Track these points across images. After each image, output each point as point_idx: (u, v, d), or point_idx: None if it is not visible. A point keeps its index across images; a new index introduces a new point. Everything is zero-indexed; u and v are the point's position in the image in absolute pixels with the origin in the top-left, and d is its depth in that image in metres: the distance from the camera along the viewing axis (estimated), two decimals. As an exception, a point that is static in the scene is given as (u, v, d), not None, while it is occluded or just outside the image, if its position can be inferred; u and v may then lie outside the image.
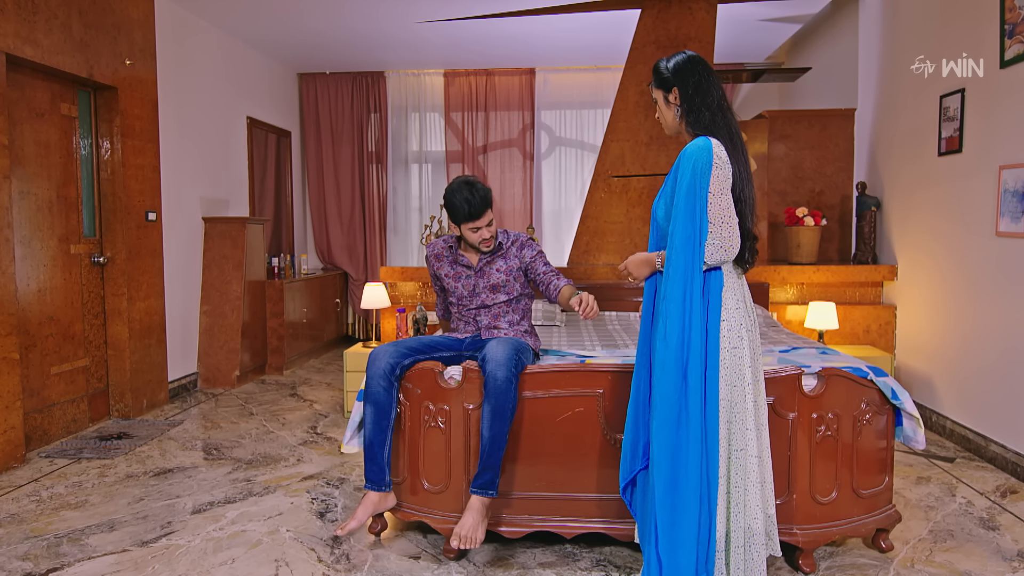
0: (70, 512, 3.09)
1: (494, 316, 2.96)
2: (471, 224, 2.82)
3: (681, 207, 2.07)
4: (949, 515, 3.02)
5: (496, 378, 2.51)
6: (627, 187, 5.11)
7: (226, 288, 5.55)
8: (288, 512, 3.07)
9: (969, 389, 3.92)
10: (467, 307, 2.98)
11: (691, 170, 2.07)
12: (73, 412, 4.27)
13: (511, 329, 2.94)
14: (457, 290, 2.99)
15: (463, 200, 2.76)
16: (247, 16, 5.56)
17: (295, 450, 3.93)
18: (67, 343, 4.24)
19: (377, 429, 2.63)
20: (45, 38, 3.90)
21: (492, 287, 2.95)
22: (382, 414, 2.63)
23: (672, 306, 2.06)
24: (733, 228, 2.09)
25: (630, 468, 2.26)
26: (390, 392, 2.65)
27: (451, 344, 2.92)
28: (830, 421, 2.54)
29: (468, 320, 3.00)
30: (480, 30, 5.97)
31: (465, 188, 2.76)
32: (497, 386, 2.51)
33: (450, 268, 2.99)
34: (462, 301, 2.99)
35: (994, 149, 3.67)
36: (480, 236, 2.85)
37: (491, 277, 2.95)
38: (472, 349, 2.93)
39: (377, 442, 2.62)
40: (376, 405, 2.63)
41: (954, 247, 4.07)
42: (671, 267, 2.08)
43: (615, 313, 4.60)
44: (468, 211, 2.77)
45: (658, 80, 2.24)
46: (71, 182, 4.29)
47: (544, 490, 2.65)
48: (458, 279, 2.99)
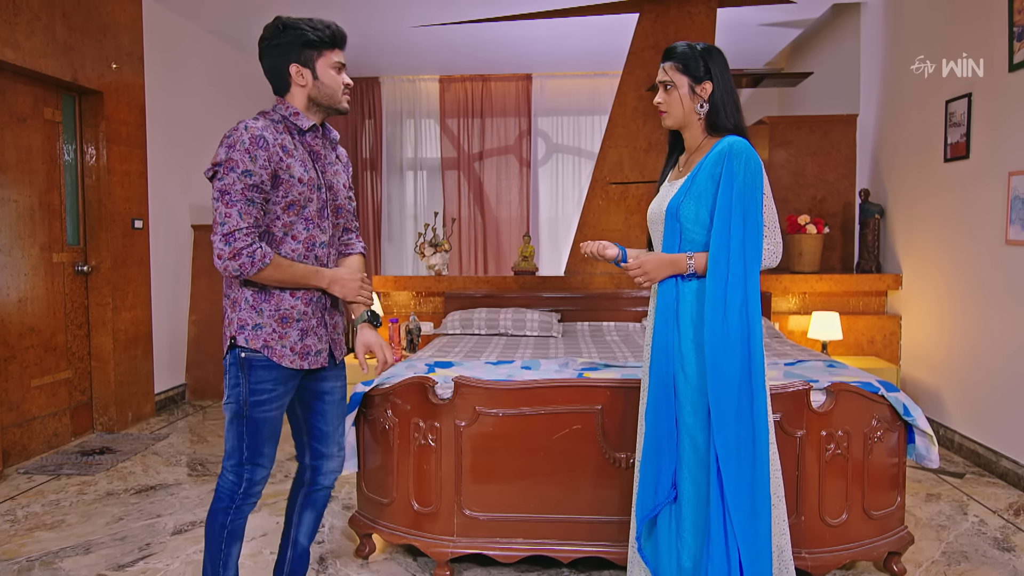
0: (45, 533, 2.96)
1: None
2: (337, 56, 2.01)
3: (736, 210, 1.90)
4: (962, 535, 2.90)
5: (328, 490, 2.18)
6: (625, 194, 5.00)
7: (215, 297, 5.42)
8: (273, 532, 2.94)
9: (978, 402, 3.81)
10: (320, 248, 2.04)
11: (744, 170, 1.91)
12: (55, 426, 4.14)
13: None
14: (308, 208, 1.99)
15: (320, 21, 1.99)
16: (238, 20, 5.46)
17: (282, 465, 3.80)
18: (49, 354, 4.10)
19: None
20: (27, 40, 3.79)
21: (338, 207, 2.10)
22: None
23: (733, 315, 1.88)
24: (780, 234, 2.01)
25: (652, 503, 2.01)
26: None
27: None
28: (840, 439, 2.42)
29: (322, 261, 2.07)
30: (476, 35, 5.88)
31: (304, 18, 2.00)
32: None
33: (300, 166, 1.96)
34: (312, 233, 2.01)
35: (1003, 155, 3.57)
36: (345, 79, 2.04)
37: (337, 186, 2.09)
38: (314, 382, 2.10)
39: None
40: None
41: (961, 256, 3.96)
42: (730, 273, 1.89)
43: (613, 324, 4.49)
44: (333, 31, 2.00)
45: (685, 66, 2.00)
46: (54, 189, 4.17)
47: (539, 512, 2.52)
48: (313, 187, 1.99)
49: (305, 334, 1.98)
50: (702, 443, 1.93)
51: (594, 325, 4.51)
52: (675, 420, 1.97)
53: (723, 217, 1.91)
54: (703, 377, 1.92)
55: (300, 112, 1.98)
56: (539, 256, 7.26)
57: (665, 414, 1.98)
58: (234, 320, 1.94)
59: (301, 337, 1.97)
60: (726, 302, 1.89)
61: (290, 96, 1.99)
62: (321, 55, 1.97)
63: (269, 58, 1.99)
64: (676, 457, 1.97)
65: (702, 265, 1.95)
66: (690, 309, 1.98)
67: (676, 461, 1.97)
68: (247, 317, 1.93)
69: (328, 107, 2.01)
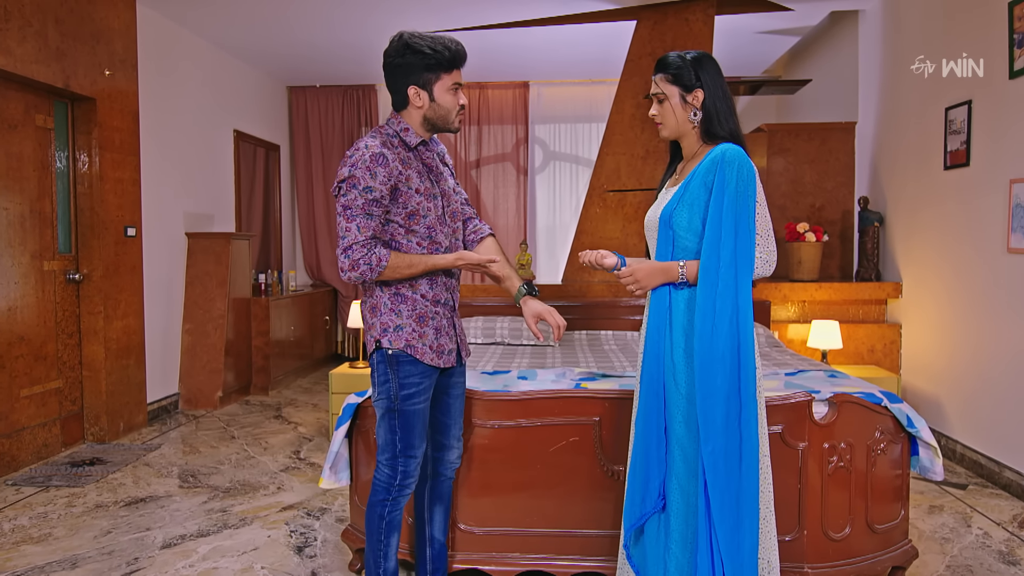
0: (31, 547, 2.89)
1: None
2: (455, 78, 2.06)
3: (727, 218, 1.87)
4: (966, 548, 2.85)
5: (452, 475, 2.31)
6: (623, 202, 4.97)
7: (209, 306, 5.37)
8: (264, 546, 2.88)
9: (980, 412, 3.77)
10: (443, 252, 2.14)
11: (736, 178, 1.88)
12: (44, 436, 4.08)
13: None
14: (428, 217, 2.09)
15: (440, 42, 2.01)
16: (234, 28, 5.43)
17: (276, 477, 3.74)
18: (39, 364, 4.05)
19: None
20: (18, 46, 3.75)
21: (452, 212, 2.21)
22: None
23: (723, 324, 1.85)
24: (774, 243, 1.97)
25: (640, 511, 1.99)
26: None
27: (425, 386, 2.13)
28: (843, 451, 2.37)
29: (449, 288, 2.18)
30: (472, 43, 5.79)
31: (427, 36, 2.03)
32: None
33: (417, 177, 2.07)
34: (437, 239, 2.12)
35: (1004, 163, 3.54)
36: (461, 100, 2.09)
37: (451, 196, 2.20)
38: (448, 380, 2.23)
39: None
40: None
41: (962, 264, 3.93)
42: (721, 282, 1.85)
43: (611, 332, 4.44)
44: (453, 53, 2.03)
45: (675, 76, 1.99)
46: (46, 196, 4.12)
47: (536, 526, 2.46)
48: (431, 197, 2.10)
49: (439, 333, 2.11)
50: (692, 454, 1.91)
51: (592, 334, 4.46)
52: (664, 429, 1.95)
53: (714, 225, 1.88)
54: (694, 387, 1.89)
55: (411, 128, 2.09)
56: (536, 264, 7.22)
57: (655, 423, 1.96)
58: (376, 324, 2.08)
59: (436, 336, 2.10)
60: (716, 311, 1.86)
61: (406, 114, 2.10)
62: (439, 78, 2.05)
63: (391, 76, 2.08)
64: (665, 467, 1.95)
65: (693, 273, 1.92)
66: (682, 318, 1.95)
67: (665, 471, 1.95)
68: (388, 320, 2.07)
69: (440, 127, 2.12)
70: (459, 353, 2.22)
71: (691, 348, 1.91)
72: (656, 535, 1.98)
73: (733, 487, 1.83)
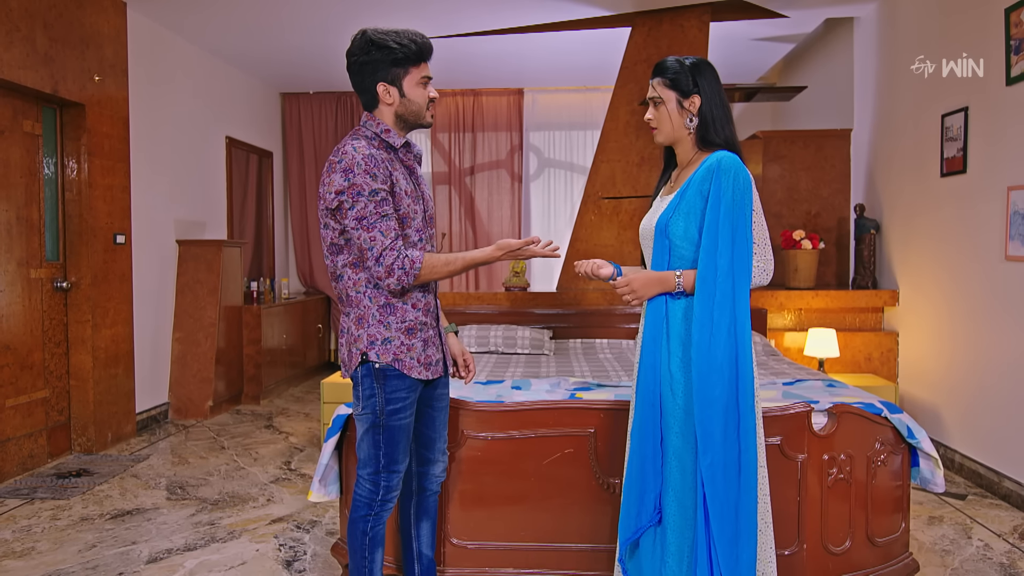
0: (13, 562, 2.82)
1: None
2: (423, 71, 2.00)
3: (724, 227, 1.84)
4: (967, 560, 2.80)
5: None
6: (618, 209, 4.93)
7: (200, 314, 5.30)
8: (252, 561, 2.82)
9: (979, 421, 3.73)
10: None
11: (732, 187, 1.85)
12: (30, 447, 4.00)
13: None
14: (416, 220, 2.04)
15: (405, 35, 1.95)
16: (226, 34, 5.39)
17: (265, 488, 3.68)
18: (25, 373, 3.98)
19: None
20: (5, 52, 3.69)
21: (430, 218, 2.15)
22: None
23: (721, 335, 1.81)
24: (771, 252, 1.94)
25: (635, 525, 1.95)
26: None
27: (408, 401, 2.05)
28: (843, 463, 2.33)
29: (435, 296, 2.14)
30: (467, 49, 5.82)
31: (391, 30, 1.96)
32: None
33: (403, 179, 2.02)
34: (424, 243, 2.07)
35: (1001, 170, 3.51)
36: (431, 93, 2.04)
37: (428, 196, 2.14)
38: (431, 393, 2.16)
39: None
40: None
41: (960, 271, 3.90)
42: (718, 291, 1.82)
43: (606, 341, 4.40)
44: (420, 45, 1.97)
45: (673, 81, 1.96)
46: (33, 203, 4.06)
47: (529, 540, 2.41)
48: (416, 199, 2.05)
49: (427, 344, 2.04)
50: (690, 466, 1.87)
51: (587, 342, 4.42)
52: (660, 441, 1.91)
53: (711, 234, 1.85)
54: (691, 398, 1.85)
55: (391, 129, 2.01)
56: (530, 272, 7.17)
57: (651, 435, 1.92)
58: (363, 336, 1.98)
59: (424, 348, 2.03)
60: (713, 322, 1.83)
61: (378, 112, 2.02)
62: (408, 72, 1.98)
63: (357, 75, 2.00)
64: (661, 479, 1.91)
65: (690, 283, 1.89)
66: (679, 328, 1.91)
67: (661, 483, 1.91)
68: (376, 332, 1.98)
69: (413, 123, 2.05)
70: (444, 363, 2.15)
71: (688, 359, 1.88)
72: (652, 549, 1.95)
73: (732, 499, 1.80)
